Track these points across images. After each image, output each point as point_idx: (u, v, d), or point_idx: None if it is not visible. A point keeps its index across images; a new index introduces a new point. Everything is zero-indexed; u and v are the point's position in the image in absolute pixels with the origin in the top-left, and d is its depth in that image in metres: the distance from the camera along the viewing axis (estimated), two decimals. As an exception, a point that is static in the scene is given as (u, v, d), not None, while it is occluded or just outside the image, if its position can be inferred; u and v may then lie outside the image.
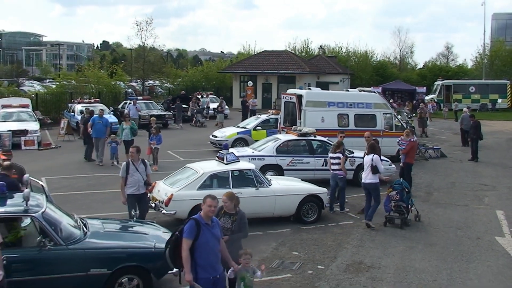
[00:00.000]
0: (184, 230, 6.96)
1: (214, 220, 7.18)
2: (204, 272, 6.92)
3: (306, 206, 13.37)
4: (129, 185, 11.51)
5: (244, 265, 7.41)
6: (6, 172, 9.61)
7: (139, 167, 11.54)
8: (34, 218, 7.91)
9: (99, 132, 21.14)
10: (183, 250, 6.89)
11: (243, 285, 7.39)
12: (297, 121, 20.96)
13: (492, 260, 10.81)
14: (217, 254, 7.13)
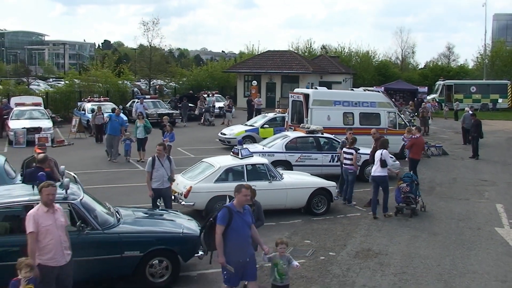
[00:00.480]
0: (218, 217, 7.67)
1: (246, 208, 7.87)
2: (235, 255, 7.60)
3: (316, 198, 14.13)
4: (154, 180, 12.09)
5: (280, 253, 8.02)
6: (41, 165, 10.38)
7: (164, 163, 12.15)
8: (73, 205, 8.66)
9: (115, 130, 21.79)
10: (217, 234, 7.59)
11: (276, 271, 8.01)
12: (304, 119, 21.70)
13: (491, 248, 11.56)
14: (247, 239, 7.79)
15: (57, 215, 7.33)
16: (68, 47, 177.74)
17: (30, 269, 6.55)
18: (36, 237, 7.06)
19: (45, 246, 7.09)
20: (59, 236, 7.25)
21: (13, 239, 8.33)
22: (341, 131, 19.57)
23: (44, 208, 7.21)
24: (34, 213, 7.16)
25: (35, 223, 7.06)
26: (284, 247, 8.10)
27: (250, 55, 65.05)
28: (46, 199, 7.23)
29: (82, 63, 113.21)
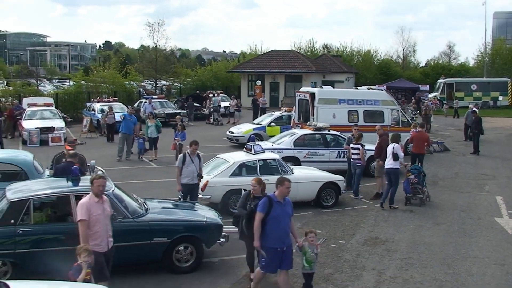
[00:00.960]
0: (259, 204, 8.34)
1: (287, 200, 8.50)
2: (272, 242, 8.22)
3: (325, 192, 14.90)
4: (183, 175, 12.57)
5: (309, 242, 8.74)
6: (72, 159, 11.16)
7: (194, 160, 12.69)
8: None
9: (129, 129, 22.48)
10: (256, 221, 8.27)
11: (305, 259, 8.73)
12: (310, 117, 22.44)
13: (491, 236, 12.33)
14: (286, 229, 8.40)
15: (105, 205, 8.10)
16: (70, 48, 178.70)
17: (88, 253, 7.28)
18: (87, 225, 7.78)
19: (94, 233, 7.83)
20: (106, 225, 8.02)
21: (53, 227, 9.12)
22: (346, 129, 20.34)
23: (94, 198, 7.95)
24: (87, 202, 7.89)
25: (87, 211, 7.79)
26: (313, 236, 8.83)
27: (253, 55, 65.83)
28: (97, 190, 7.97)
29: (85, 64, 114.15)
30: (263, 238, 8.26)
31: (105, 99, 34.78)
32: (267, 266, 8.38)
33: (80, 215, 7.82)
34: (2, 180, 12.11)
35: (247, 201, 9.21)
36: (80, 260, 7.22)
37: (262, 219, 8.25)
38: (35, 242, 8.92)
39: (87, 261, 7.22)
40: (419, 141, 18.23)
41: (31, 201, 9.06)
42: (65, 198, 9.36)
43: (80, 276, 7.05)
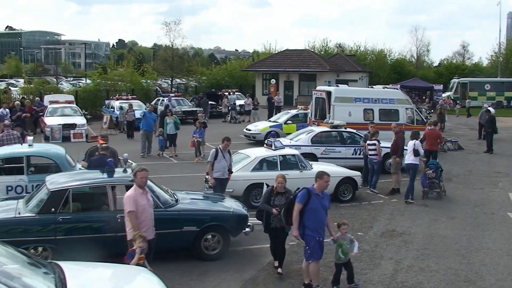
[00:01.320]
0: (298, 196, 8.82)
1: (325, 193, 8.98)
2: (309, 231, 8.70)
3: (342, 187, 15.43)
4: (215, 170, 13.05)
5: (342, 234, 9.21)
6: (104, 152, 11.79)
7: (226, 155, 13.22)
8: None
9: (149, 125, 23.09)
10: (294, 211, 8.73)
11: (341, 251, 9.12)
12: (326, 115, 22.95)
13: (504, 229, 12.80)
14: (322, 221, 8.85)
15: (148, 195, 8.70)
16: (83, 46, 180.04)
17: (142, 240, 7.85)
18: (136, 215, 8.36)
19: (140, 222, 8.40)
20: (150, 214, 8.64)
21: (90, 215, 9.76)
22: (361, 127, 20.86)
23: (139, 190, 8.54)
24: (133, 194, 8.46)
25: (134, 202, 8.36)
26: (346, 228, 9.28)
27: (267, 54, 66.30)
28: (140, 182, 8.55)
29: (100, 63, 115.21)
30: (301, 228, 8.72)
31: (123, 96, 35.44)
32: (312, 255, 8.80)
33: (129, 207, 8.37)
34: (36, 173, 12.81)
35: (271, 197, 9.71)
36: (135, 246, 7.77)
37: (300, 210, 8.69)
38: (73, 229, 9.53)
39: (142, 247, 7.78)
40: (432, 138, 18.79)
41: (70, 190, 9.68)
42: (102, 188, 9.99)
43: (134, 260, 7.62)
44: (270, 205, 9.65)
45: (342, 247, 9.15)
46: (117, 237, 9.55)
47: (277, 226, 9.64)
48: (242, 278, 9.67)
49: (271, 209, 9.58)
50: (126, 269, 7.46)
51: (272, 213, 9.58)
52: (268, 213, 9.68)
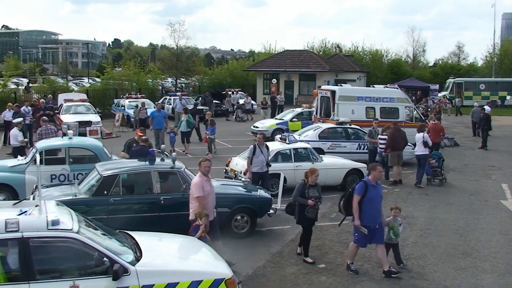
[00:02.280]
0: (355, 188, 9.73)
1: (378, 183, 9.90)
2: (367, 221, 9.54)
3: (350, 177, 16.87)
4: (254, 165, 14.12)
5: (393, 217, 10.18)
6: (144, 144, 13.25)
7: (263, 150, 14.30)
8: (179, 172, 11.50)
9: (159, 123, 24.36)
10: (354, 202, 9.57)
11: (392, 233, 10.10)
12: (331, 113, 24.41)
13: (496, 214, 14.32)
14: (379, 209, 9.73)
15: (211, 182, 10.06)
16: (80, 46, 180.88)
17: (207, 217, 9.22)
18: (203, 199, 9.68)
19: (205, 205, 9.73)
20: (213, 199, 10.00)
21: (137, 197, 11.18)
22: (363, 124, 22.33)
23: (204, 177, 9.89)
24: (200, 181, 9.80)
25: (201, 188, 9.70)
26: (397, 212, 10.27)
27: (267, 54, 67.73)
28: (204, 170, 9.92)
29: (98, 63, 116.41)
30: (361, 217, 9.56)
31: (133, 95, 36.80)
32: (359, 240, 9.74)
33: (197, 192, 9.72)
34: (77, 163, 14.25)
35: (304, 189, 10.48)
36: (201, 222, 9.13)
37: (359, 201, 9.58)
38: (122, 210, 10.92)
39: (205, 223, 9.14)
40: (436, 132, 20.69)
41: (119, 176, 11.11)
42: (146, 174, 11.44)
43: (198, 234, 8.99)
44: (305, 197, 10.44)
45: (393, 229, 10.12)
46: (160, 217, 11.02)
47: (312, 216, 10.52)
48: (270, 252, 11.12)
49: (306, 201, 10.34)
50: (186, 238, 8.90)
51: (307, 205, 10.31)
52: (302, 205, 10.44)
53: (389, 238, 10.17)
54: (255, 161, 14.18)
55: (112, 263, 6.95)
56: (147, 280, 7.08)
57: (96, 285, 6.86)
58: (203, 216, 9.21)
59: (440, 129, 21.51)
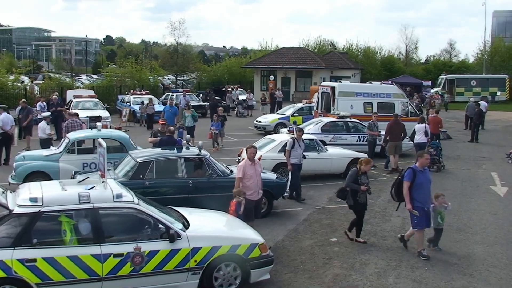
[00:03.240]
0: (404, 175, 10.53)
1: (426, 169, 10.70)
2: (418, 203, 10.37)
3: (352, 166, 18.19)
4: (293, 157, 15.04)
5: (440, 203, 10.90)
6: (171, 134, 14.66)
7: (301, 144, 15.29)
8: (205, 159, 12.89)
9: (170, 119, 25.53)
10: (404, 188, 10.39)
11: (440, 217, 10.89)
12: (331, 108, 25.86)
13: (487, 197, 15.82)
14: (428, 193, 10.50)
15: (257, 166, 11.39)
16: (74, 43, 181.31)
17: (244, 194, 10.57)
18: (242, 180, 11.07)
19: (247, 186, 11.09)
20: (257, 181, 11.28)
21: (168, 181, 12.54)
22: (362, 118, 23.78)
23: (248, 162, 11.26)
24: (243, 165, 11.20)
25: (243, 171, 11.09)
26: (443, 198, 11.08)
27: (263, 51, 69.11)
28: (249, 156, 11.30)
29: (93, 61, 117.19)
30: (411, 201, 10.38)
31: (138, 92, 38.10)
32: (419, 223, 10.44)
33: (238, 174, 11.16)
34: (108, 152, 15.52)
35: (357, 177, 11.35)
36: (241, 198, 10.47)
37: (409, 187, 10.39)
38: (156, 192, 12.27)
39: (241, 201, 10.46)
40: (435, 123, 22.74)
41: (153, 162, 12.49)
42: (176, 160, 12.81)
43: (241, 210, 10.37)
44: (357, 184, 11.29)
45: (441, 214, 10.90)
46: (189, 198, 12.34)
47: (363, 201, 11.42)
48: (286, 229, 12.55)
49: (359, 187, 11.21)
50: (220, 213, 10.33)
51: (360, 190, 11.22)
52: (354, 191, 11.33)
53: (437, 223, 10.98)
54: (294, 154, 15.13)
55: (168, 229, 8.38)
56: (196, 243, 8.51)
57: (155, 247, 8.27)
58: (242, 194, 10.56)
59: (439, 121, 23.41)
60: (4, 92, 33.47)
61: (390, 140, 19.66)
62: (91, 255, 7.91)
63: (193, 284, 8.55)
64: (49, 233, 8.07)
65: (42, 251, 7.77)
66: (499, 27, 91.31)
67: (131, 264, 8.08)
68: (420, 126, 20.02)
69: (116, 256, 8.01)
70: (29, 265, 7.65)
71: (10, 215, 7.96)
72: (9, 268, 7.56)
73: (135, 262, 8.09)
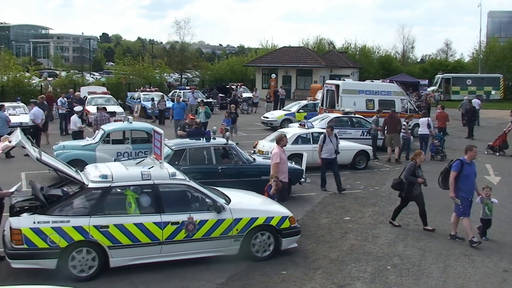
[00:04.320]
0: (452, 165, 11.43)
1: (473, 162, 11.51)
2: (465, 193, 11.29)
3: (358, 157, 19.97)
4: (324, 152, 16.23)
5: (486, 195, 11.70)
6: (198, 126, 16.28)
7: (332, 140, 16.37)
8: (232, 147, 14.51)
9: (179, 115, 27.03)
10: (450, 177, 11.30)
11: (487, 209, 11.63)
12: (335, 104, 27.48)
13: (482, 183, 17.28)
14: (473, 184, 11.35)
15: (283, 155, 13.00)
16: (71, 41, 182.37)
17: (277, 179, 12.15)
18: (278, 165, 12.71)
19: (282, 170, 12.78)
20: (287, 166, 13.07)
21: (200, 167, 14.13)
22: (364, 114, 25.38)
23: (281, 149, 12.96)
24: (278, 151, 12.86)
25: (279, 157, 12.74)
26: (489, 190, 11.82)
27: (265, 50, 70.67)
28: (284, 143, 13.17)
29: (92, 58, 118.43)
30: (456, 190, 11.31)
31: (147, 89, 39.63)
32: (464, 212, 11.35)
33: (275, 160, 12.79)
34: (137, 143, 17.21)
35: (415, 169, 12.45)
36: (272, 183, 12.04)
37: (455, 177, 11.30)
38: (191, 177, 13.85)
39: (277, 182, 12.08)
40: (442, 118, 25.20)
41: (187, 149, 14.10)
42: (207, 148, 14.42)
43: (272, 190, 11.93)
44: (415, 176, 12.31)
45: (488, 205, 11.57)
46: (218, 182, 13.89)
47: (417, 193, 12.41)
48: (304, 210, 14.19)
49: (416, 180, 12.20)
50: (253, 192, 11.95)
51: (417, 183, 12.25)
52: (411, 184, 12.34)
53: (485, 214, 11.69)
54: (325, 149, 16.27)
55: (214, 203, 9.99)
56: (237, 215, 10.13)
57: (205, 217, 9.88)
58: (275, 178, 12.16)
59: (445, 116, 25.93)
60: (21, 89, 34.92)
61: (387, 132, 21.51)
62: (153, 223, 9.51)
63: (234, 249, 10.17)
64: (118, 204, 9.66)
65: (113, 219, 9.36)
66: (494, 27, 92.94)
67: (185, 231, 9.68)
68: (423, 120, 22.20)
69: (173, 224, 9.61)
70: (103, 230, 9.23)
71: (86, 189, 9.56)
72: (87, 232, 9.15)
73: (188, 229, 9.69)
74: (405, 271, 9.98)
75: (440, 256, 10.86)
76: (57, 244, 8.99)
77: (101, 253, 9.27)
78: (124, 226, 9.35)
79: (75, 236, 9.08)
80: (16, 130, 9.84)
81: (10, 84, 34.35)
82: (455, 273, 10.00)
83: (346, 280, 9.50)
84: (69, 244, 9.04)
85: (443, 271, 10.08)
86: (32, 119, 20.94)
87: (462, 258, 10.82)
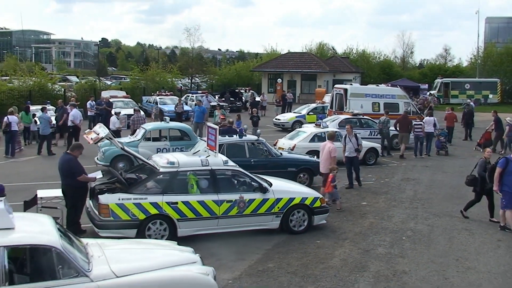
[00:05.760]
0: (499, 163, 12.46)
1: None
2: (507, 187, 12.29)
3: (368, 154, 22.12)
4: (345, 150, 17.74)
5: None
6: (230, 124, 18.43)
7: (352, 139, 17.60)
8: (263, 143, 16.71)
9: (199, 118, 29.09)
10: (496, 173, 12.37)
11: None
12: (344, 107, 29.67)
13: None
14: None
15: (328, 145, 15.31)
16: (73, 46, 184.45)
17: (337, 170, 14.37)
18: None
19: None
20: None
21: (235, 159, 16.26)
22: (370, 116, 27.52)
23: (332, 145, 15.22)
24: (335, 146, 15.26)
25: (336, 151, 15.12)
26: None
27: (270, 55, 72.95)
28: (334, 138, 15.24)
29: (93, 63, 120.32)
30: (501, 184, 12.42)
31: (163, 93, 41.80)
32: (507, 205, 12.41)
33: (334, 153, 15.19)
34: (174, 140, 19.37)
35: (486, 165, 13.46)
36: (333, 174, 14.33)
37: (500, 173, 12.34)
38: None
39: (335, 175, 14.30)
40: (451, 118, 27.81)
41: (224, 145, 16.26)
42: (241, 144, 16.59)
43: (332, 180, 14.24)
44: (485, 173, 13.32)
45: None
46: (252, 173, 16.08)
47: (489, 187, 13.26)
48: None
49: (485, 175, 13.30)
50: (289, 180, 14.13)
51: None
52: (484, 179, 13.37)
53: None
54: (346, 148, 17.65)
55: (260, 185, 12.17)
56: (278, 195, 12.32)
57: (252, 197, 12.05)
58: (336, 169, 14.38)
59: (454, 117, 28.44)
60: (45, 93, 36.99)
61: (399, 131, 23.63)
62: (212, 200, 11.66)
63: (276, 224, 12.36)
64: (183, 185, 11.82)
65: (181, 197, 11.52)
66: (492, 33, 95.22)
67: (237, 208, 11.84)
68: (429, 119, 24.40)
69: (228, 202, 11.78)
70: (173, 206, 11.39)
71: (158, 173, 11.73)
72: (161, 207, 11.31)
73: (239, 206, 11.85)
74: (417, 240, 12.18)
75: (445, 231, 13.04)
76: (137, 217, 11.15)
77: (171, 225, 11.43)
78: (190, 203, 11.50)
79: (152, 210, 11.24)
80: (99, 124, 11.99)
81: (36, 88, 36.40)
82: (458, 242, 12.20)
83: (370, 247, 11.69)
84: (147, 217, 11.21)
85: (448, 240, 12.27)
86: (72, 120, 23.07)
87: (463, 232, 12.99)
